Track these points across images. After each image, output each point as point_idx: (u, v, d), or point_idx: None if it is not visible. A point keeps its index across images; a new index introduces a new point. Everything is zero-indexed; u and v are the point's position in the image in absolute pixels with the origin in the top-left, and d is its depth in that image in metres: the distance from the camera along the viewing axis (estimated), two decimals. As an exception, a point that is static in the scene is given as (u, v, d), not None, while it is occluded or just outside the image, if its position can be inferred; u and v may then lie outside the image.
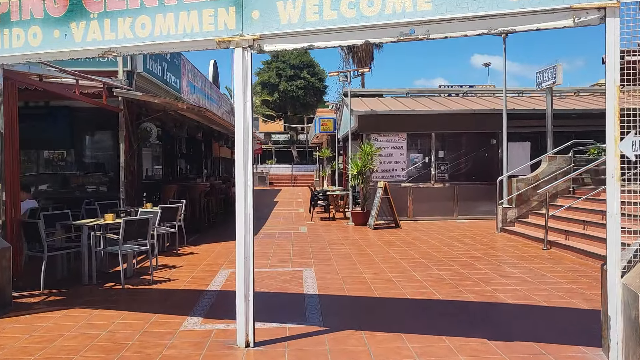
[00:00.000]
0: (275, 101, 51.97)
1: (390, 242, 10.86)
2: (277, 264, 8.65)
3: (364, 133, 15.05)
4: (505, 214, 12.26)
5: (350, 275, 7.70)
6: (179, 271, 8.14)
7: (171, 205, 9.84)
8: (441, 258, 8.95)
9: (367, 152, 14.05)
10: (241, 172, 4.71)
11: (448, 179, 15.24)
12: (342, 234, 12.27)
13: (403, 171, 15.16)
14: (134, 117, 11.67)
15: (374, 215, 13.46)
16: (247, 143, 4.73)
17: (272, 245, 10.59)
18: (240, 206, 4.76)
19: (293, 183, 39.55)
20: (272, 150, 59.74)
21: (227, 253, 9.73)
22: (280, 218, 16.21)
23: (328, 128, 23.00)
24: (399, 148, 15.16)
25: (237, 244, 4.85)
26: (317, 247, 10.31)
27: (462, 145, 15.40)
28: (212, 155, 22.51)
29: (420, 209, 15.04)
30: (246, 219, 4.78)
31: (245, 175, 4.72)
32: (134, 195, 11.60)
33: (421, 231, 12.66)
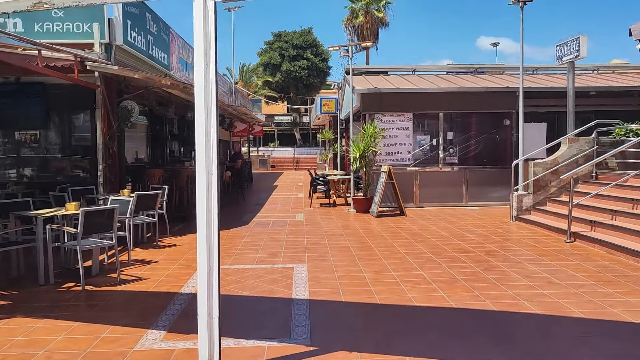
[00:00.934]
0: (277, 82, 50.66)
1: (395, 233, 9.84)
2: (266, 259, 7.65)
3: (367, 113, 13.96)
4: (521, 201, 11.20)
5: (348, 273, 6.70)
6: (154, 268, 7.15)
7: (149, 192, 8.83)
8: (452, 252, 7.93)
9: (370, 133, 12.98)
10: (202, 156, 3.68)
11: (457, 162, 14.16)
12: (342, 223, 11.25)
13: (409, 154, 14.08)
14: (114, 94, 10.62)
15: (377, 202, 12.43)
16: (211, 118, 3.69)
17: (264, 236, 9.59)
18: (201, 204, 3.74)
19: (295, 166, 38.51)
20: (274, 132, 58.62)
21: (213, 245, 8.74)
22: (277, 204, 15.21)
23: (330, 109, 21.86)
24: (405, 129, 14.06)
25: (199, 253, 3.83)
26: (314, 239, 9.30)
27: (473, 126, 14.29)
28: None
29: (427, 195, 13.99)
30: (209, 221, 3.77)
31: (208, 160, 3.69)
32: (114, 181, 10.60)
33: (428, 219, 11.63)
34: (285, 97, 52.86)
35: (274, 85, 51.29)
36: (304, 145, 54.82)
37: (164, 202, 9.64)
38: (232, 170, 16.15)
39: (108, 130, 10.40)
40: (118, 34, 10.37)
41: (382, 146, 13.73)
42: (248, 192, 19.10)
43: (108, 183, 10.35)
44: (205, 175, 3.71)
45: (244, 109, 22.91)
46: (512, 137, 14.09)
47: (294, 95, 51.84)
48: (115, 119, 10.55)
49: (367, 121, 13.68)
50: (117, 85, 10.68)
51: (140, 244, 8.92)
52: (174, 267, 7.15)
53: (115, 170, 10.67)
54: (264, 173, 33.50)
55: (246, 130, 26.96)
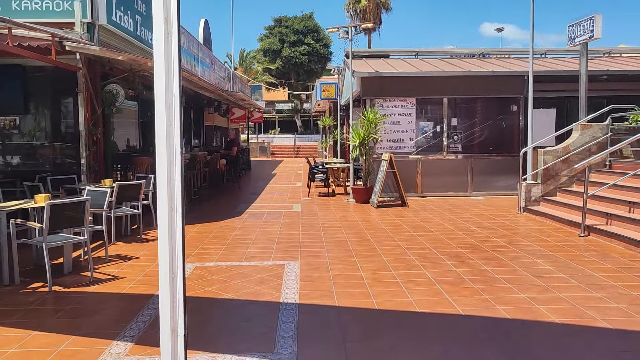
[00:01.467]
0: (277, 68, 49.80)
1: (396, 225, 9.25)
2: (255, 255, 7.07)
3: (367, 98, 13.31)
4: (530, 192, 10.58)
5: (344, 272, 6.12)
6: (133, 265, 6.58)
7: (131, 182, 8.23)
8: (457, 248, 7.34)
9: (370, 119, 12.34)
10: (163, 144, 3.07)
11: (462, 150, 13.52)
12: (341, 214, 10.66)
13: (411, 141, 13.45)
14: (98, 78, 10.00)
15: (377, 191, 11.83)
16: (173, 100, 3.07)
17: (257, 229, 9.01)
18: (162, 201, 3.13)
19: (296, 154, 37.89)
20: (275, 119, 57.91)
21: (201, 238, 8.17)
22: (274, 193, 14.62)
23: (330, 94, 21.18)
24: (407, 115, 13.42)
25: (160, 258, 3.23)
26: (309, 232, 8.72)
27: (478, 112, 13.64)
28: (204, 124, 20.83)
29: (430, 184, 13.38)
30: (172, 222, 3.16)
31: (169, 149, 3.08)
32: (99, 169, 10.02)
33: (431, 210, 11.03)
34: (286, 83, 52.08)
35: (275, 71, 50.45)
36: (305, 132, 54.10)
37: (149, 192, 9.06)
38: (228, 158, 15.54)
39: (92, 115, 9.80)
40: (102, 13, 9.71)
41: (383, 133, 13.10)
42: (245, 181, 18.51)
43: (92, 172, 9.76)
44: (167, 166, 3.11)
45: (242, 94, 22.25)
46: (519, 124, 13.44)
47: (295, 82, 51.05)
48: (99, 104, 9.95)
49: (368, 107, 13.04)
50: (100, 68, 10.05)
51: (124, 238, 8.35)
52: (154, 264, 6.58)
53: (100, 158, 10.08)
54: (263, 161, 32.91)
55: (244, 116, 26.29)
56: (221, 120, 24.61)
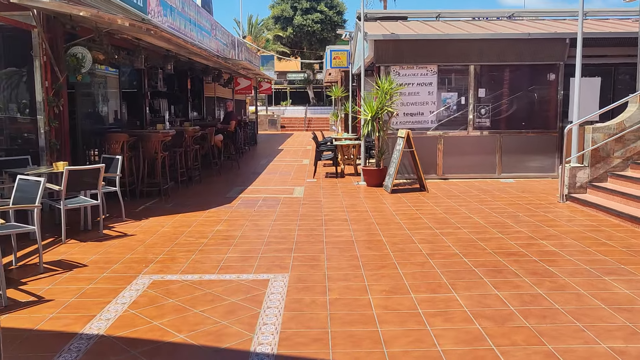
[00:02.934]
0: (289, 37, 47.72)
1: (414, 219, 7.63)
2: (235, 263, 5.52)
3: (381, 65, 11.55)
4: (574, 176, 8.86)
5: (347, 294, 4.55)
6: (72, 278, 5.06)
7: (85, 167, 6.65)
8: (493, 254, 5.72)
9: (385, 89, 10.61)
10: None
11: (490, 125, 11.76)
12: (349, 201, 9.06)
13: (431, 115, 11.72)
14: (60, 39, 8.39)
15: (392, 174, 10.18)
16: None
17: (245, 222, 7.45)
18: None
19: (307, 127, 36.16)
20: (287, 91, 56.02)
21: (174, 235, 6.63)
22: (276, 173, 13.04)
23: (341, 62, 19.36)
24: (427, 85, 11.65)
25: None
26: (308, 227, 7.14)
27: (509, 82, 11.81)
28: (203, 95, 19.21)
29: (453, 164, 11.69)
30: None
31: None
32: (62, 148, 8.49)
33: (456, 197, 9.38)
34: (298, 52, 50.02)
35: (285, 40, 48.40)
36: (317, 104, 52.20)
37: (116, 177, 7.51)
38: (225, 133, 13.94)
39: (52, 84, 8.23)
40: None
41: (400, 105, 11.38)
42: (247, 158, 16.94)
43: (53, 151, 8.24)
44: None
45: (246, 62, 20.50)
46: (557, 95, 11.61)
47: (307, 51, 48.97)
48: (62, 70, 8.36)
49: (382, 75, 11.30)
50: (62, 28, 8.43)
51: (82, 234, 6.85)
52: (101, 277, 5.06)
53: (64, 135, 8.53)
54: (272, 134, 31.27)
55: (250, 87, 24.59)
56: (225, 92, 22.95)
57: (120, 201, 7.56)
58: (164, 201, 9.11)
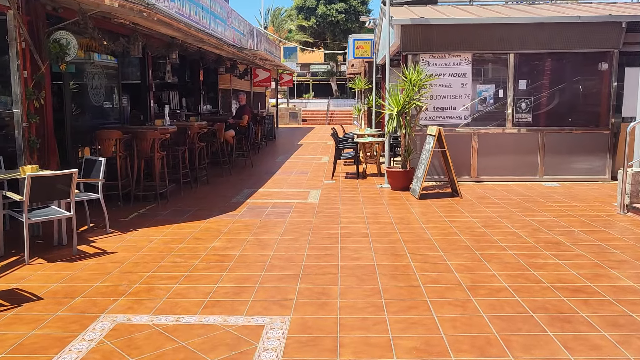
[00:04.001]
0: (312, 27, 46.43)
1: (448, 234, 6.41)
2: (223, 298, 4.39)
3: (409, 54, 10.29)
4: (638, 183, 7.52)
5: (364, 353, 3.38)
6: (11, 322, 3.99)
7: (54, 173, 5.57)
8: (553, 290, 4.48)
9: (413, 81, 9.37)
10: None
11: (531, 121, 10.42)
12: (370, 209, 7.88)
13: (465, 110, 10.43)
14: (42, 22, 7.36)
15: (420, 177, 8.95)
16: None
17: (247, 238, 6.33)
18: None
19: (329, 120, 34.95)
20: (309, 83, 54.81)
21: (161, 254, 5.54)
22: (291, 173, 11.91)
23: (365, 52, 18.10)
24: (461, 76, 10.36)
25: None
26: (321, 245, 5.99)
27: (554, 72, 10.43)
28: (218, 88, 18.16)
29: (489, 165, 10.40)
30: None
31: None
32: (45, 147, 7.48)
33: (494, 205, 8.11)
34: (321, 43, 48.72)
35: (309, 30, 47.14)
36: (340, 96, 50.90)
37: (99, 182, 6.46)
38: (237, 128, 12.85)
39: (32, 74, 7.21)
40: None
41: (429, 99, 10.12)
42: (262, 155, 15.84)
43: (33, 150, 7.23)
44: None
45: (264, 53, 19.40)
46: (609, 88, 10.20)
47: (331, 42, 47.64)
48: (44, 59, 7.34)
49: (410, 65, 10.04)
50: (43, 9, 7.39)
51: (55, 250, 5.82)
52: (52, 317, 3.99)
53: (47, 132, 7.51)
54: (292, 128, 30.15)
55: (269, 79, 23.50)
56: (242, 84, 21.90)
57: (104, 210, 6.51)
58: (161, 207, 8.05)
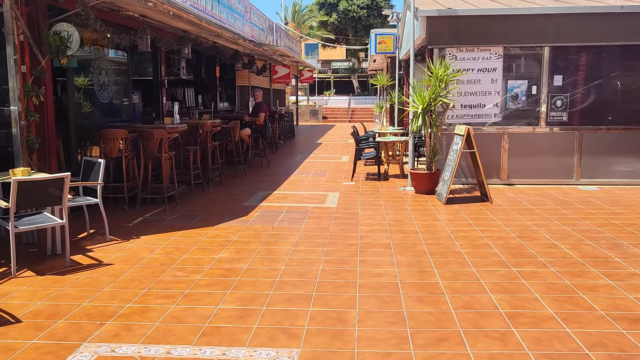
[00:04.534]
0: (333, 23, 45.80)
1: (480, 247, 5.76)
2: (223, 323, 3.83)
3: (435, 47, 9.62)
4: (692, 190, 6.77)
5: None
6: (-14, 348, 3.51)
7: (44, 177, 5.07)
8: (610, 321, 3.81)
9: (439, 76, 8.72)
10: None
11: (567, 120, 9.67)
12: (393, 215, 7.25)
13: (495, 108, 9.73)
14: (42, 14, 6.91)
15: (447, 180, 8.30)
16: None
17: (257, 248, 5.77)
18: None
19: (350, 118, 34.31)
20: (330, 80, 54.18)
21: (163, 266, 5.01)
22: (309, 173, 11.33)
23: (387, 47, 17.42)
24: (491, 71, 9.65)
25: None
26: (338, 257, 5.40)
27: (593, 67, 9.66)
28: (236, 84, 17.66)
29: (520, 167, 9.68)
30: None
31: None
32: (45, 147, 7.03)
33: (528, 211, 7.43)
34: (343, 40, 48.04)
35: (330, 27, 46.51)
36: (362, 93, 50.17)
37: (98, 185, 5.96)
38: (253, 126, 12.31)
39: (32, 69, 6.76)
40: None
41: (457, 95, 9.44)
42: (280, 153, 15.30)
43: (32, 150, 6.78)
44: None
45: (284, 49, 18.83)
46: (654, 83, 9.41)
47: (353, 38, 46.93)
48: (45, 52, 6.88)
49: (436, 59, 9.38)
50: (44, 0, 6.94)
51: (48, 261, 5.34)
52: (26, 347, 3.47)
53: (48, 131, 7.06)
54: (312, 126, 29.59)
55: (289, 75, 22.95)
56: (261, 80, 21.39)
57: (103, 216, 6.01)
58: (168, 211, 7.54)
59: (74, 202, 5.88)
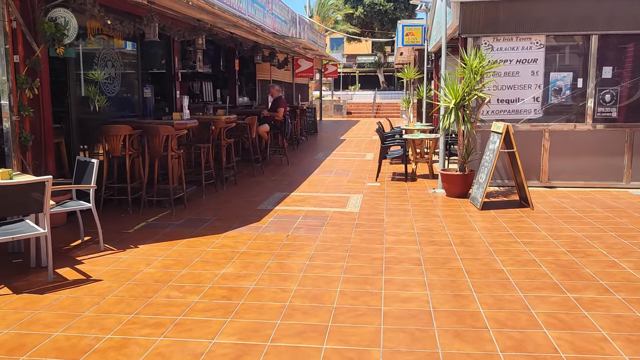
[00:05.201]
0: (359, 17, 44.85)
1: (525, 264, 4.94)
2: (218, 367, 3.14)
3: (469, 36, 8.77)
4: None
5: None
6: None
7: (20, 181, 4.41)
8: (703, 370, 3.01)
9: (474, 68, 7.87)
10: None
11: (616, 116, 8.72)
12: (423, 223, 6.47)
13: (535, 103, 8.83)
14: (38, 0, 6.30)
15: (482, 182, 7.46)
16: None
17: (266, 262, 5.05)
18: None
19: (375, 113, 33.42)
20: (356, 74, 53.27)
21: (152, 288, 4.32)
22: (331, 172, 10.59)
23: (415, 39, 16.52)
24: (531, 62, 8.76)
25: None
26: (359, 276, 4.65)
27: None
28: (256, 78, 16.99)
29: (562, 168, 8.78)
30: None
31: None
32: (40, 147, 6.44)
33: (576, 220, 6.56)
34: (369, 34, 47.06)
35: (356, 20, 45.58)
36: (387, 88, 49.17)
37: (91, 188, 5.32)
38: (272, 123, 11.62)
39: (25, 59, 6.17)
40: None
41: (492, 89, 8.57)
42: (302, 150, 14.59)
43: (26, 148, 6.19)
44: None
45: (307, 41, 18.10)
46: None
47: (379, 31, 45.91)
48: (40, 41, 6.28)
49: (470, 49, 8.53)
50: (39, -17, 6.33)
51: (31, 274, 4.71)
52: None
53: (44, 127, 6.47)
54: (336, 121, 28.80)
55: (312, 69, 22.21)
56: (283, 74, 20.69)
57: (97, 223, 5.36)
58: (175, 215, 6.89)
59: (63, 207, 5.26)
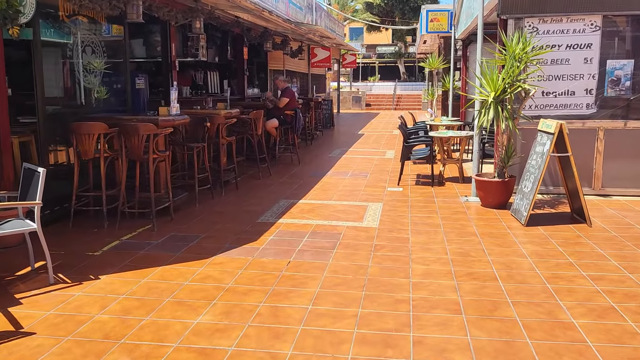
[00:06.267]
0: (379, 5, 43.35)
1: (601, 311, 3.68)
2: None
3: (510, 17, 7.45)
4: None
5: None
6: None
7: None
8: None
9: (516, 55, 6.56)
10: None
11: (685, 112, 7.37)
12: (457, 245, 5.23)
13: (588, 96, 7.49)
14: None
15: (529, 192, 6.17)
16: None
17: (257, 304, 3.87)
18: None
19: (395, 105, 32.01)
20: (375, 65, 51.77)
21: (98, 350, 3.17)
22: (346, 174, 9.37)
23: (440, 26, 15.14)
24: (584, 48, 7.41)
25: None
26: (377, 330, 3.44)
27: None
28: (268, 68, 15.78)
29: (619, 174, 7.44)
30: None
31: None
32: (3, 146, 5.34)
33: (650, 243, 5.27)
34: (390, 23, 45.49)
35: (376, 9, 44.08)
36: (408, 79, 47.60)
37: (35, 206, 4.18)
38: (282, 118, 10.42)
39: (-28, 42, 5.05)
40: None
41: (537, 80, 7.24)
42: (315, 146, 13.38)
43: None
44: None
45: (322, 28, 16.83)
46: None
47: (400, 20, 44.33)
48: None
49: (511, 33, 7.22)
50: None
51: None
52: None
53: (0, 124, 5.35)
54: (355, 114, 27.49)
55: (329, 59, 20.94)
56: (298, 64, 19.45)
57: (44, 249, 4.23)
58: (156, 231, 5.74)
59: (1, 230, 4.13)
